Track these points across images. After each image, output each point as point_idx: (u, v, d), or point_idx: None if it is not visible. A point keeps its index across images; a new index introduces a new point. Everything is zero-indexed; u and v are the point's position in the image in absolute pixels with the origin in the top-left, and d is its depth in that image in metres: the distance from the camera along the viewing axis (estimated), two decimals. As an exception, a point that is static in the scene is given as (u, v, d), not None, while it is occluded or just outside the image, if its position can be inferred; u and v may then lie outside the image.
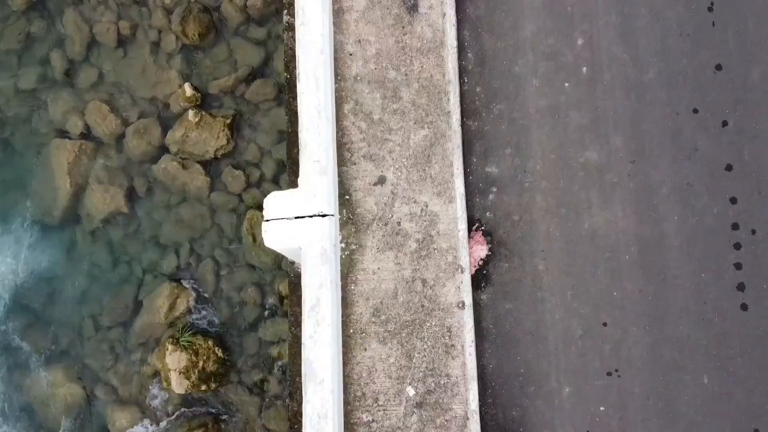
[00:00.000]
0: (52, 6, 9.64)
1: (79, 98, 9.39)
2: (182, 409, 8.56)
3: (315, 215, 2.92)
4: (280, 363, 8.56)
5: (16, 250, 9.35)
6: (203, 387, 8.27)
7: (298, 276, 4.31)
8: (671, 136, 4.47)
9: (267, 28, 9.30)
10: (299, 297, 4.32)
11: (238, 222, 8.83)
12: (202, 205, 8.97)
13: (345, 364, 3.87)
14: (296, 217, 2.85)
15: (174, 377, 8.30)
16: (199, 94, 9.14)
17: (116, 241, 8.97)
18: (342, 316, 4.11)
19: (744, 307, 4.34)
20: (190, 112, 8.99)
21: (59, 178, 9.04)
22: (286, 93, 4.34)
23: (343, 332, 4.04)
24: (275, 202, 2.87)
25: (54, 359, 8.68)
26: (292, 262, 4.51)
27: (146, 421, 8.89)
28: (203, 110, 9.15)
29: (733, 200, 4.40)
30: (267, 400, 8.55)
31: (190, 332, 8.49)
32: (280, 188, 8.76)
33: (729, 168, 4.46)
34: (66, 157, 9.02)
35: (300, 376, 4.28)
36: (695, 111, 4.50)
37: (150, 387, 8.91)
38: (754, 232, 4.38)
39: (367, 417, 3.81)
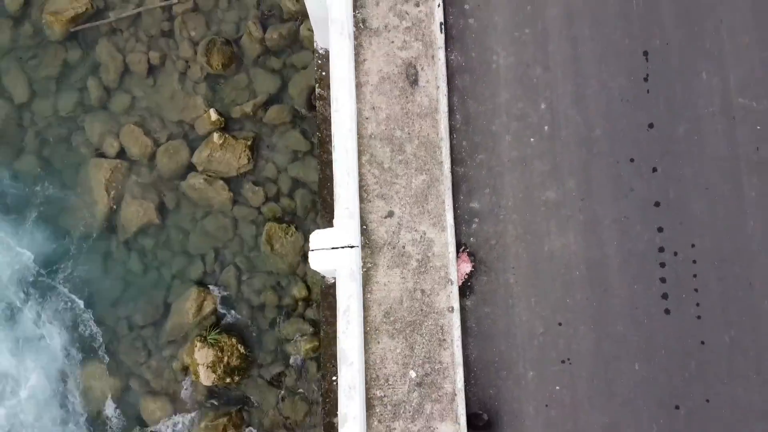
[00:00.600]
0: (88, 37, 10.97)
1: (114, 121, 10.69)
2: (209, 400, 9.91)
3: (345, 246, 4.41)
4: (295, 358, 10.00)
5: (57, 259, 10.63)
6: (227, 380, 9.64)
7: (329, 287, 5.78)
8: (613, 179, 5.93)
9: (282, 59, 10.63)
10: (330, 303, 5.80)
11: (257, 233, 10.06)
12: (225, 218, 10.25)
13: (363, 353, 5.36)
14: (332, 248, 4.36)
15: (202, 371, 9.67)
16: (222, 119, 10.47)
17: (148, 250, 10.25)
18: (360, 318, 5.58)
19: (667, 311, 5.81)
20: (215, 135, 10.32)
21: (97, 193, 10.38)
22: (318, 148, 5.77)
23: (361, 330, 5.51)
24: (317, 237, 4.36)
25: (93, 355, 9.98)
26: (323, 277, 5.98)
27: (176, 411, 10.33)
28: (226, 133, 10.48)
29: (660, 229, 5.88)
30: (284, 391, 9.99)
31: (217, 331, 9.93)
32: (294, 202, 10.17)
33: (657, 204, 5.93)
34: (103, 174, 10.27)
35: (330, 362, 5.78)
36: (632, 160, 5.97)
37: (180, 380, 10.34)
38: (676, 254, 5.85)
39: (380, 393, 5.32)
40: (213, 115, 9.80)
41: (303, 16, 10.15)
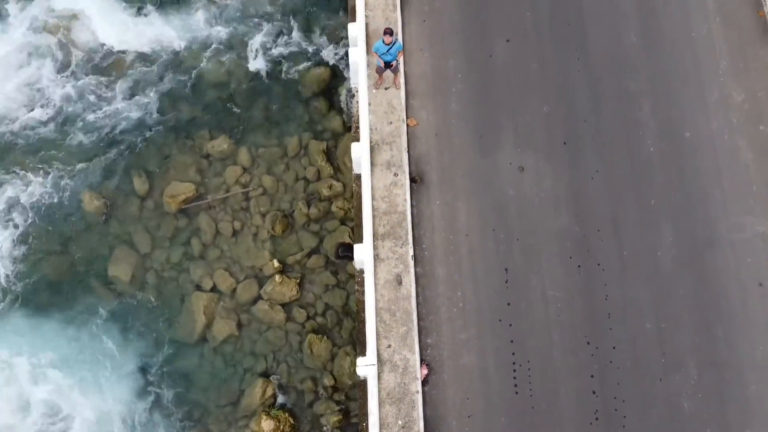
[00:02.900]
0: (193, 211, 20.36)
1: (209, 267, 17.45)
2: (269, 457, 18.42)
3: (370, 365, 13.88)
4: (326, 428, 19.24)
5: (165, 360, 17.81)
6: (282, 443, 17.97)
7: (362, 381, 15.26)
8: (492, 331, 15.47)
9: (320, 224, 19.89)
10: (362, 387, 15.16)
11: (301, 340, 15.97)
12: (280, 331, 15.95)
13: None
14: (365, 365, 13.87)
15: (266, 437, 18.40)
16: (281, 265, 19.33)
17: (228, 353, 15.71)
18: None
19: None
20: (276, 276, 19.19)
21: (197, 315, 15.68)
22: (356, 314, 15.33)
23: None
24: (360, 361, 13.80)
25: (189, 427, 15.82)
26: (358, 376, 15.52)
27: (248, 464, 18.52)
28: (284, 274, 19.88)
29: (507, 270, 15.06)
30: (320, 453, 18.45)
31: (276, 408, 19.06)
32: (326, 319, 19.50)
33: (513, 354, 15.16)
34: (202, 303, 15.78)
35: (363, 415, 15.33)
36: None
37: (250, 443, 18.52)
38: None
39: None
40: (275, 263, 16.11)
41: (333, 197, 20.33)
